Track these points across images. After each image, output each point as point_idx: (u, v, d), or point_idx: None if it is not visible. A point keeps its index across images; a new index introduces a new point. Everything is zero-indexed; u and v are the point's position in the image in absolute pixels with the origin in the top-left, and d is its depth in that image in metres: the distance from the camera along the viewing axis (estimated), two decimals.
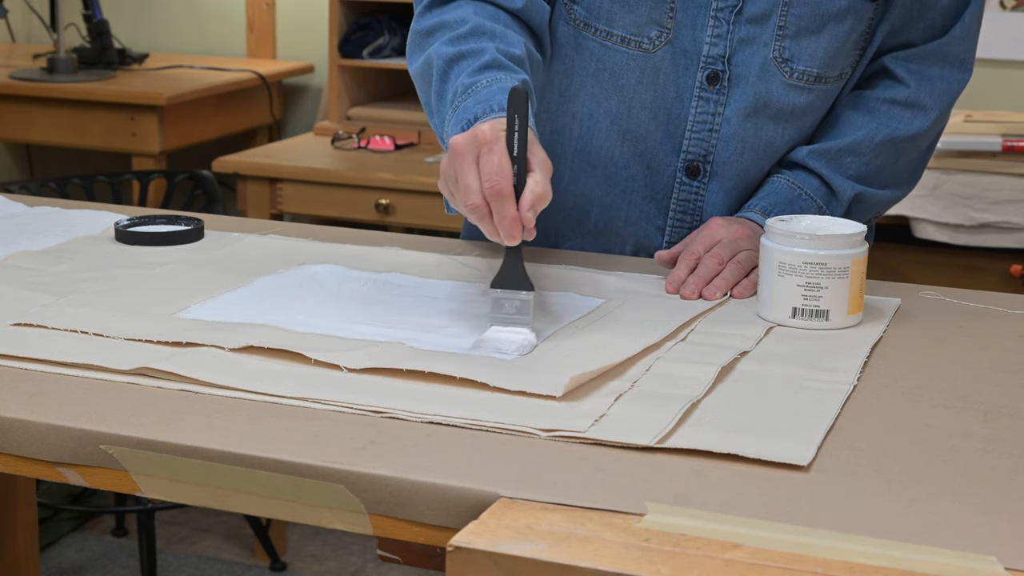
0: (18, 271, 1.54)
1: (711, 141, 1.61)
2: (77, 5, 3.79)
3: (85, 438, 1.13)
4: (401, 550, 1.07)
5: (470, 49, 1.48)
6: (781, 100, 1.59)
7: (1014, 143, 2.76)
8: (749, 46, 1.58)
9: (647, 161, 1.64)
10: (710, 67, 1.58)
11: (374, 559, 3.10)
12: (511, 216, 1.28)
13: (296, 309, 1.42)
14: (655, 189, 1.65)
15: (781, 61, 1.57)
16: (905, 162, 1.66)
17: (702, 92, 1.59)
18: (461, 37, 1.50)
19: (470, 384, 1.20)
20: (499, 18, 1.54)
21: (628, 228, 1.68)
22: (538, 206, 1.29)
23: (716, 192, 1.63)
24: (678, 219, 1.65)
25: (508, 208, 1.28)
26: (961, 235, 2.79)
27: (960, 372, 1.30)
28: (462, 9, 1.54)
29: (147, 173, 2.96)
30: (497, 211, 1.28)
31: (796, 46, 1.57)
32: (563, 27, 1.63)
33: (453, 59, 1.48)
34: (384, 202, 3.04)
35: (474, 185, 1.29)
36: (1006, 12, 3.21)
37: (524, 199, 1.29)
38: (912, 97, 1.62)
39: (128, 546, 3.17)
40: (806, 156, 1.62)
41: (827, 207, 1.62)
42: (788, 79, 1.58)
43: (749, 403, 1.20)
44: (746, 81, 1.59)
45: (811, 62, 1.58)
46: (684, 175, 1.63)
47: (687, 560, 0.92)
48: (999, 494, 1.03)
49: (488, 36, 1.50)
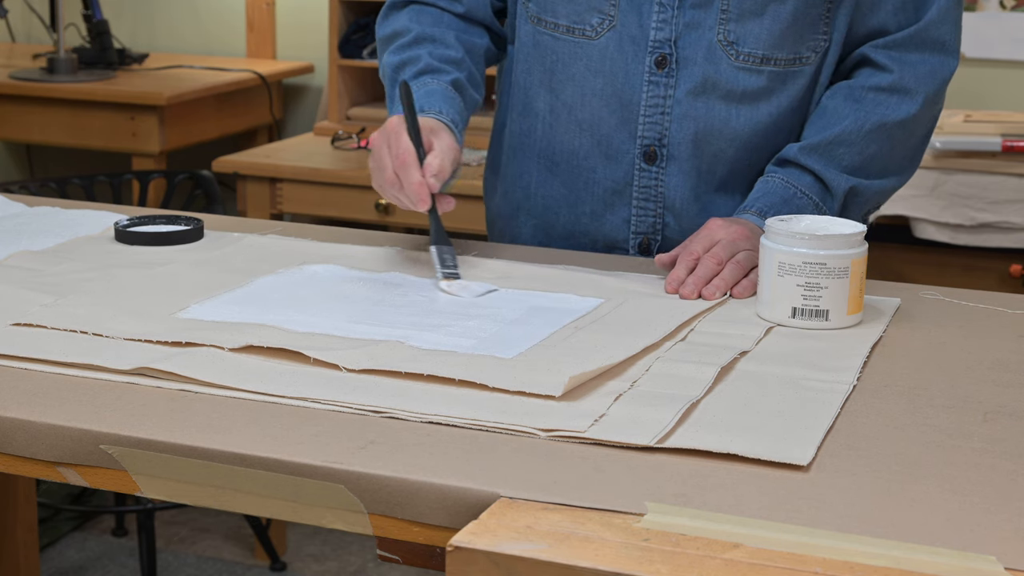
0: (18, 271, 1.54)
1: (664, 124, 1.63)
2: (77, 5, 3.79)
3: (85, 438, 1.13)
4: (401, 550, 1.07)
5: (409, 57, 1.68)
6: (730, 82, 1.62)
7: (1014, 143, 2.76)
8: (694, 30, 1.61)
9: (604, 150, 1.67)
10: (658, 51, 1.62)
11: (374, 559, 3.10)
12: (417, 181, 1.50)
13: (296, 309, 1.42)
14: (616, 179, 1.68)
15: (726, 44, 1.60)
16: (900, 149, 1.66)
17: (651, 76, 1.62)
18: (404, 46, 1.70)
19: (470, 384, 1.20)
20: (442, 21, 1.71)
21: (595, 223, 1.70)
22: (440, 175, 1.51)
23: (675, 176, 1.65)
24: (641, 207, 1.67)
25: (414, 175, 1.50)
26: (961, 235, 2.79)
27: (960, 372, 1.30)
28: (407, 17, 1.73)
29: (147, 173, 2.96)
30: (404, 179, 1.50)
31: (740, 29, 1.60)
32: (523, 26, 1.71)
33: (397, 67, 1.69)
34: (384, 202, 3.04)
35: (387, 164, 1.52)
36: (1006, 12, 3.21)
37: (426, 168, 1.51)
38: (896, 82, 1.62)
39: (128, 546, 3.17)
40: (797, 153, 1.62)
41: (823, 203, 1.62)
42: (735, 61, 1.61)
43: (749, 403, 1.20)
44: (694, 63, 1.62)
45: (756, 44, 1.61)
46: (642, 161, 1.65)
47: (687, 560, 0.92)
48: (999, 494, 1.04)
49: (427, 42, 1.69)
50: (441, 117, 1.59)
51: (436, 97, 1.61)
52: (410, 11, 1.72)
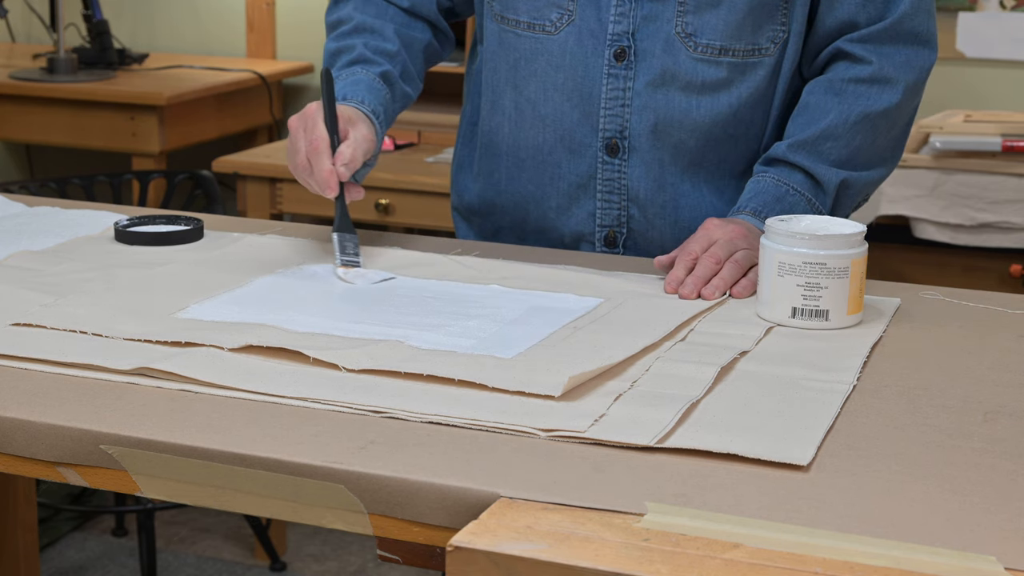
0: (18, 271, 1.54)
1: (625, 116, 1.65)
2: (77, 5, 3.79)
3: (85, 438, 1.13)
4: (401, 550, 1.07)
5: (345, 46, 1.71)
6: (688, 73, 1.63)
7: (1014, 143, 2.76)
8: (652, 23, 1.62)
9: (568, 144, 1.68)
10: (616, 44, 1.63)
11: (374, 559, 3.10)
12: (327, 169, 1.53)
13: (296, 309, 1.42)
14: (580, 173, 1.69)
15: (684, 36, 1.61)
16: (884, 140, 1.66)
17: (611, 69, 1.64)
18: (344, 34, 1.73)
19: (470, 384, 1.20)
20: (385, 14, 1.74)
21: (562, 218, 1.72)
22: (351, 165, 1.54)
23: (637, 167, 1.66)
24: (606, 200, 1.68)
25: (323, 163, 1.53)
26: (961, 235, 2.79)
27: (960, 372, 1.30)
28: (351, 6, 1.75)
29: (147, 173, 2.96)
30: (315, 166, 1.53)
31: (698, 20, 1.61)
32: (489, 25, 1.73)
33: (333, 54, 1.72)
34: (384, 202, 3.04)
35: (301, 148, 1.55)
36: (1006, 12, 3.21)
37: (337, 157, 1.53)
38: (876, 73, 1.63)
39: (128, 546, 3.17)
40: (785, 151, 1.63)
41: (815, 199, 1.63)
42: (693, 53, 1.62)
43: (749, 403, 1.20)
44: (652, 55, 1.63)
45: (713, 35, 1.62)
46: (605, 154, 1.67)
47: (687, 560, 0.92)
48: (999, 494, 1.04)
49: (363, 32, 1.72)
50: (362, 107, 1.61)
51: (361, 87, 1.64)
52: (355, 1, 1.75)
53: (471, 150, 1.81)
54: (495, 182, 1.76)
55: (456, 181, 1.83)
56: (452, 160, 1.86)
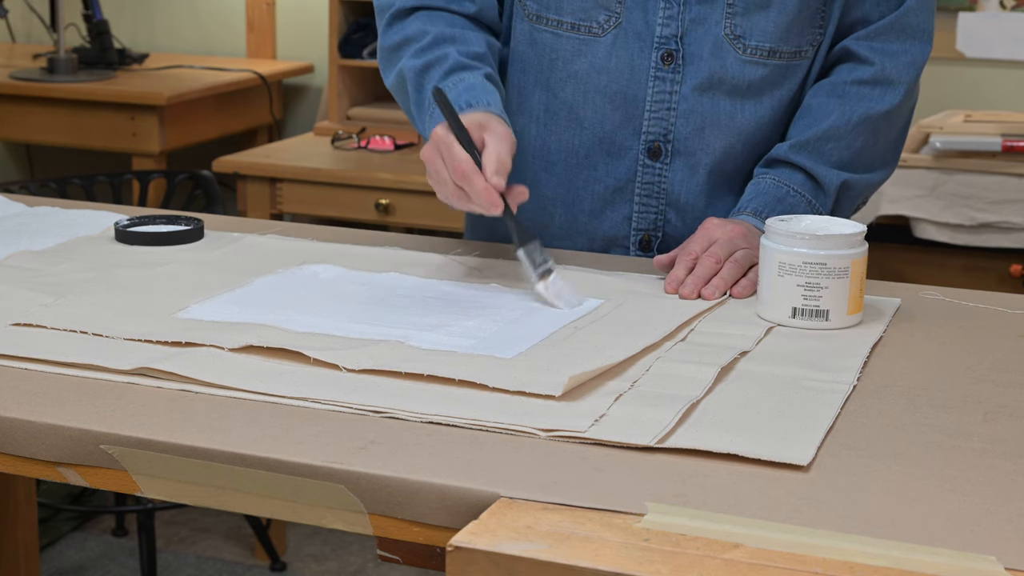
0: (18, 271, 1.54)
1: (670, 119, 1.64)
2: (77, 5, 3.79)
3: (85, 438, 1.13)
4: (401, 550, 1.07)
5: (435, 58, 1.61)
6: (736, 75, 1.62)
7: (1014, 143, 2.76)
8: (700, 25, 1.61)
9: (607, 147, 1.67)
10: (664, 47, 1.62)
11: (374, 559, 3.10)
12: (482, 188, 1.44)
13: (296, 309, 1.42)
14: (618, 176, 1.67)
15: (733, 38, 1.61)
16: (884, 142, 1.67)
17: (658, 72, 1.63)
18: (425, 48, 1.63)
19: (470, 384, 1.20)
20: (456, 23, 1.65)
21: (593, 222, 1.70)
22: (501, 170, 1.45)
23: (680, 171, 1.65)
24: (644, 203, 1.67)
25: (476, 183, 1.44)
26: (961, 235, 2.79)
27: (960, 372, 1.30)
28: (420, 22, 1.66)
29: (147, 173, 2.96)
30: (469, 189, 1.44)
31: (747, 22, 1.61)
32: (519, 24, 1.69)
33: (422, 70, 1.62)
34: (384, 202, 3.04)
35: (447, 178, 1.46)
36: (1006, 12, 3.21)
37: (485, 170, 1.44)
38: (878, 74, 1.63)
39: (128, 546, 3.17)
40: (787, 151, 1.63)
41: (815, 200, 1.63)
42: (742, 55, 1.62)
43: (749, 403, 1.20)
44: (700, 58, 1.62)
45: (763, 37, 1.61)
46: (646, 157, 1.65)
47: (687, 560, 0.92)
48: (999, 494, 1.04)
49: (449, 42, 1.62)
50: (489, 109, 1.53)
51: (477, 90, 1.56)
52: (420, 16, 1.66)
53: None
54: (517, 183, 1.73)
55: None
56: None
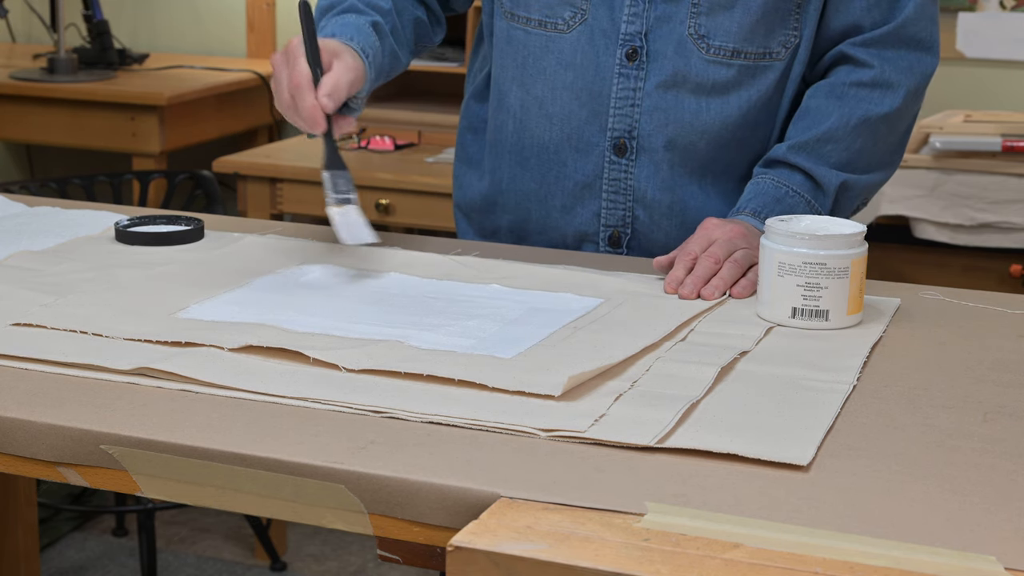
0: (18, 271, 1.54)
1: (634, 116, 1.65)
2: (77, 5, 3.79)
3: (85, 438, 1.13)
4: (401, 550, 1.07)
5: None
6: (700, 74, 1.63)
7: (1014, 143, 2.76)
8: (665, 24, 1.63)
9: (575, 144, 1.69)
10: (628, 44, 1.63)
11: (374, 559, 3.10)
12: (310, 104, 1.48)
13: (295, 309, 1.42)
14: (586, 173, 1.69)
15: (697, 37, 1.62)
16: (884, 144, 1.67)
17: (622, 69, 1.64)
18: None
19: (469, 384, 1.20)
20: None
21: (566, 217, 1.72)
22: (335, 95, 1.49)
23: (645, 168, 1.67)
24: (611, 200, 1.69)
25: (307, 98, 1.48)
26: (961, 235, 2.79)
27: (960, 372, 1.30)
28: None
29: (147, 173, 2.96)
30: (299, 102, 1.49)
31: (711, 22, 1.62)
32: (499, 22, 1.73)
33: (324, 9, 1.67)
34: (384, 202, 3.04)
35: (284, 86, 1.51)
36: (1006, 12, 3.21)
37: (320, 89, 1.49)
38: (878, 77, 1.64)
39: (128, 546, 3.17)
40: (786, 152, 1.63)
41: (815, 200, 1.63)
42: (705, 55, 1.62)
43: (749, 403, 1.20)
44: (664, 56, 1.63)
45: (727, 37, 1.62)
46: (612, 154, 1.67)
47: (687, 560, 0.92)
48: (999, 494, 1.04)
49: None
50: (350, 43, 1.56)
51: (350, 28, 1.60)
52: None
53: (480, 147, 1.80)
54: (497, 180, 1.76)
55: (458, 177, 1.83)
56: (454, 156, 1.86)
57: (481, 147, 1.80)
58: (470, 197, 1.80)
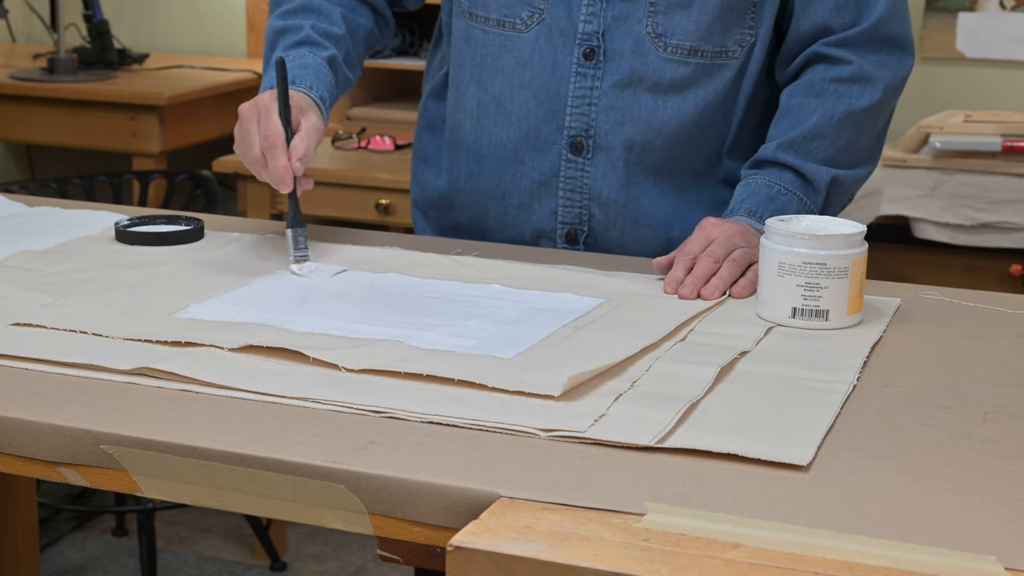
0: (18, 271, 1.54)
1: (591, 115, 1.66)
2: (77, 5, 3.79)
3: (85, 438, 1.13)
4: (401, 550, 1.07)
5: (292, 25, 1.70)
6: (657, 73, 1.64)
7: (1014, 143, 2.76)
8: (623, 23, 1.64)
9: (532, 142, 1.69)
10: (586, 43, 1.64)
11: (374, 559, 3.10)
12: (283, 165, 1.53)
13: (295, 309, 1.42)
14: (543, 171, 1.70)
15: (655, 36, 1.62)
16: (866, 138, 1.68)
17: (579, 68, 1.65)
18: (290, 12, 1.72)
19: (469, 384, 1.20)
20: None
21: (523, 215, 1.73)
22: (305, 160, 1.54)
23: (601, 166, 1.67)
24: (567, 198, 1.70)
25: (279, 159, 1.53)
26: (961, 235, 2.79)
27: (960, 372, 1.30)
28: None
29: (147, 173, 2.96)
30: (271, 161, 1.53)
31: (668, 21, 1.62)
32: (457, 22, 1.74)
33: (278, 32, 1.71)
34: (384, 202, 3.04)
35: (255, 142, 1.54)
36: (1006, 12, 3.21)
37: (293, 152, 1.54)
38: (856, 72, 1.64)
39: (128, 546, 3.17)
40: (774, 151, 1.63)
41: (806, 197, 1.63)
42: (663, 53, 1.63)
43: (749, 403, 1.20)
44: (621, 55, 1.64)
45: (684, 36, 1.63)
46: (569, 152, 1.68)
47: (687, 560, 0.92)
48: (999, 494, 1.04)
49: (313, 13, 1.71)
50: (311, 93, 1.62)
51: (309, 72, 1.64)
52: None
53: (438, 146, 1.81)
54: (455, 178, 1.77)
55: (416, 175, 1.84)
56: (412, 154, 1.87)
57: (439, 146, 1.81)
58: (428, 195, 1.81)
